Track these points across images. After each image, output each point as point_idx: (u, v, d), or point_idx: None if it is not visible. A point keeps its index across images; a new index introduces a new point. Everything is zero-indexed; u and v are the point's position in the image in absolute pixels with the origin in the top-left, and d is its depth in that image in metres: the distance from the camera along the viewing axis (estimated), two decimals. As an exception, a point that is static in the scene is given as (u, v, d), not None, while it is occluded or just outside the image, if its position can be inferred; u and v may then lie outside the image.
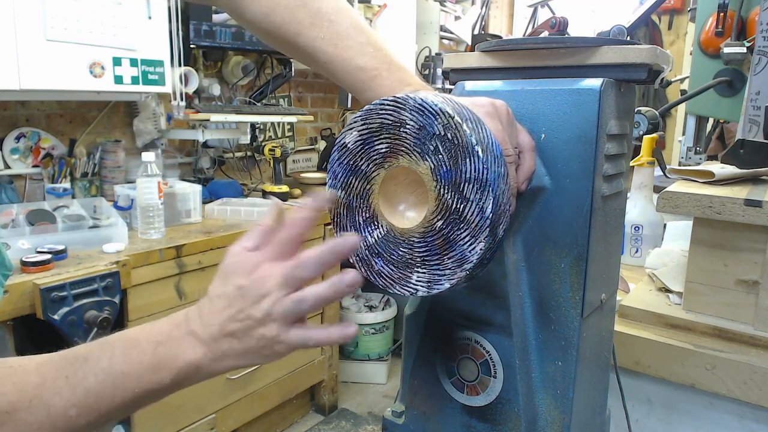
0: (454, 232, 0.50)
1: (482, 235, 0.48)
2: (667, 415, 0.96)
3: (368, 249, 0.55)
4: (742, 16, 1.85)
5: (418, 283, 0.53)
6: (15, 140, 1.93)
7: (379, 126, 0.52)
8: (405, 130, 0.50)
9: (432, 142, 0.49)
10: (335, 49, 0.63)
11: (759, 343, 0.91)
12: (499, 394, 0.65)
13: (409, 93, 0.51)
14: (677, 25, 3.83)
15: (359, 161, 0.54)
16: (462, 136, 0.48)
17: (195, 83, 2.23)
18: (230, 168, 2.74)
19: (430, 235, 0.51)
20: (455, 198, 0.49)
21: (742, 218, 0.88)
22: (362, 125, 0.53)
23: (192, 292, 1.72)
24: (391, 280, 0.54)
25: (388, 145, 0.52)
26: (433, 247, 0.51)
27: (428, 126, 0.49)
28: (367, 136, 0.53)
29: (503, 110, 0.56)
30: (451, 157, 0.49)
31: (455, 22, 3.83)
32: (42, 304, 1.29)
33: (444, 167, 0.49)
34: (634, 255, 1.37)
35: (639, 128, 1.29)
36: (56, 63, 1.65)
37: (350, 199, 0.56)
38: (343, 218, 0.57)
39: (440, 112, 0.48)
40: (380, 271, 0.55)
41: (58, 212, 1.71)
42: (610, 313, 0.73)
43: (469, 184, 0.48)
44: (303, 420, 2.39)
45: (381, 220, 0.54)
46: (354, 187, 0.55)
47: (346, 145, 0.54)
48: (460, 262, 0.50)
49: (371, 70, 0.63)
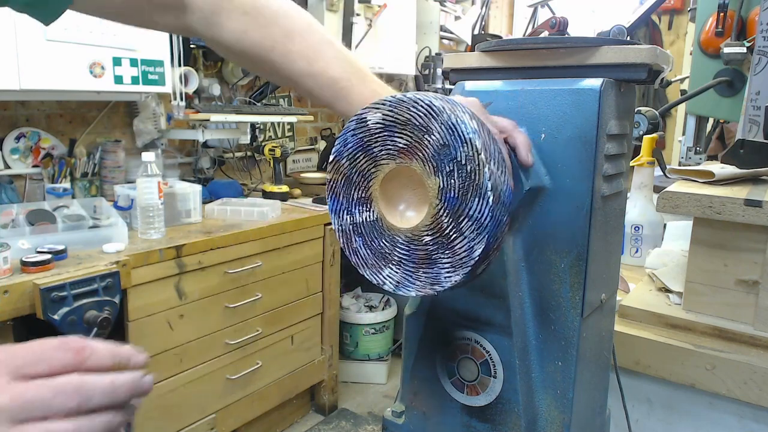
0: (439, 253, 0.50)
1: (462, 271, 0.49)
2: (667, 415, 0.96)
3: (353, 226, 0.55)
4: (742, 16, 1.85)
5: (387, 278, 0.53)
6: (15, 140, 1.93)
7: (405, 121, 0.51)
8: (429, 139, 0.50)
9: (450, 164, 0.49)
10: (308, 62, 0.65)
11: (759, 343, 0.91)
12: (499, 394, 0.65)
13: (448, 103, 0.50)
14: (677, 25, 3.83)
15: (374, 143, 0.53)
16: (480, 176, 0.47)
17: (195, 83, 2.23)
18: (230, 168, 2.74)
19: (415, 243, 0.51)
20: (451, 225, 0.49)
21: (742, 218, 0.88)
22: (389, 111, 0.52)
23: (192, 292, 1.72)
24: (365, 262, 0.55)
25: (408, 144, 0.51)
26: (413, 255, 0.51)
27: (452, 148, 0.49)
28: (390, 124, 0.52)
29: (475, 104, 0.57)
30: (461, 188, 0.48)
31: (455, 22, 3.83)
32: (42, 304, 1.29)
33: (452, 193, 0.49)
34: (634, 255, 1.37)
35: (639, 128, 1.29)
36: (56, 63, 1.65)
37: (352, 172, 0.55)
38: (339, 187, 0.56)
39: (468, 142, 0.48)
40: (357, 249, 0.55)
41: (58, 212, 1.71)
42: (610, 313, 0.73)
43: (469, 221, 0.48)
44: (303, 420, 2.39)
45: (375, 206, 0.54)
46: (359, 163, 0.54)
47: (366, 122, 0.53)
48: (433, 282, 0.51)
49: (343, 81, 0.65)
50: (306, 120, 2.58)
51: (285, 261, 2.06)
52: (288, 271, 2.08)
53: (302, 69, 0.66)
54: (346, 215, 0.56)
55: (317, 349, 2.31)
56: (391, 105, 0.52)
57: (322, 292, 2.27)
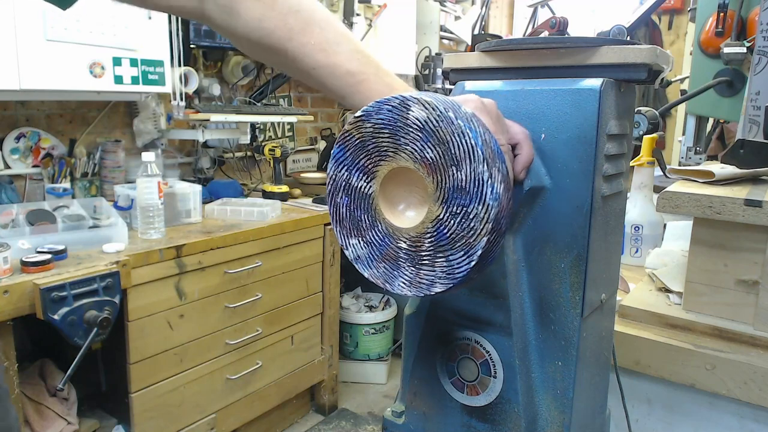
0: (438, 253, 0.51)
1: (461, 272, 0.50)
2: (667, 415, 0.96)
3: (346, 184, 0.56)
4: (742, 16, 1.85)
5: (352, 247, 0.56)
6: (15, 140, 1.93)
7: (408, 123, 0.51)
8: (432, 142, 0.50)
9: (451, 166, 0.49)
10: (324, 55, 0.65)
11: (759, 343, 0.91)
12: (499, 394, 0.65)
13: (454, 107, 0.49)
14: (677, 25, 3.83)
15: (381, 138, 0.53)
16: (481, 178, 0.48)
17: (195, 83, 2.23)
18: (230, 168, 2.74)
19: (412, 242, 0.52)
20: (450, 225, 0.50)
21: (742, 218, 0.88)
22: (392, 112, 0.52)
23: (192, 292, 1.72)
24: (340, 220, 0.57)
25: (435, 156, 0.51)
26: (414, 255, 0.52)
27: (454, 151, 0.48)
28: (393, 124, 0.52)
29: (492, 107, 0.57)
30: (462, 189, 0.49)
31: (455, 22, 3.83)
32: (42, 304, 1.29)
33: (452, 194, 0.50)
34: (634, 255, 1.37)
35: (639, 128, 1.29)
36: (56, 63, 1.65)
37: (370, 140, 0.54)
38: (353, 144, 0.55)
39: (472, 148, 0.48)
40: (339, 204, 0.57)
41: (58, 212, 1.71)
42: (610, 313, 0.73)
43: (469, 222, 0.49)
44: (303, 420, 2.39)
45: (374, 185, 0.55)
46: (380, 139, 0.53)
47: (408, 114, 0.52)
48: (431, 282, 0.52)
49: (359, 75, 0.64)
50: (306, 120, 2.58)
51: (285, 261, 2.06)
52: (288, 271, 2.08)
53: (319, 61, 0.65)
54: (344, 170, 0.56)
55: (317, 349, 2.31)
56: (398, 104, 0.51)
57: (322, 292, 2.27)
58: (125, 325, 1.56)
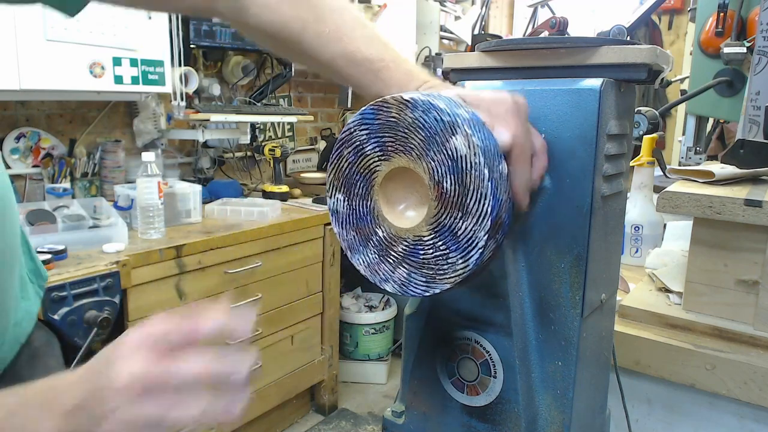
0: (438, 253, 0.51)
1: (461, 272, 0.50)
2: (667, 415, 0.96)
3: (347, 176, 0.56)
4: (742, 16, 1.85)
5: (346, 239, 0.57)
6: (15, 140, 1.93)
7: (411, 122, 0.50)
8: (434, 142, 0.50)
9: (451, 167, 0.49)
10: (340, 43, 0.62)
11: (759, 343, 0.91)
12: (499, 394, 0.65)
13: (461, 110, 0.49)
14: (677, 25, 3.83)
15: (383, 135, 0.53)
16: (481, 179, 0.48)
17: (195, 83, 2.23)
18: (230, 168, 2.74)
19: (408, 242, 0.51)
20: (450, 226, 0.50)
21: (742, 218, 0.88)
22: (398, 111, 0.51)
23: (192, 292, 1.72)
24: (345, 217, 0.57)
25: (412, 144, 0.51)
26: (411, 257, 0.52)
27: (454, 151, 0.48)
28: (397, 123, 0.51)
29: (524, 108, 0.55)
30: (462, 189, 0.49)
31: (455, 22, 3.83)
32: (42, 304, 1.29)
33: (452, 194, 0.50)
34: (634, 255, 1.37)
35: (639, 128, 1.29)
36: (56, 63, 1.65)
37: (346, 173, 0.55)
38: (357, 134, 0.54)
39: (472, 147, 0.47)
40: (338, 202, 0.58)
41: (58, 212, 1.71)
42: (610, 313, 0.73)
43: (469, 222, 0.49)
44: (303, 420, 2.39)
45: (375, 181, 0.54)
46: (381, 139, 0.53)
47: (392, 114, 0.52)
48: (428, 283, 0.52)
49: (379, 62, 0.61)
50: (306, 120, 2.58)
51: (285, 261, 2.06)
52: (288, 271, 2.08)
53: (335, 50, 0.62)
54: (345, 169, 0.56)
55: (317, 349, 2.31)
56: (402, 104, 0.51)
57: (322, 292, 2.27)
58: (125, 325, 1.56)
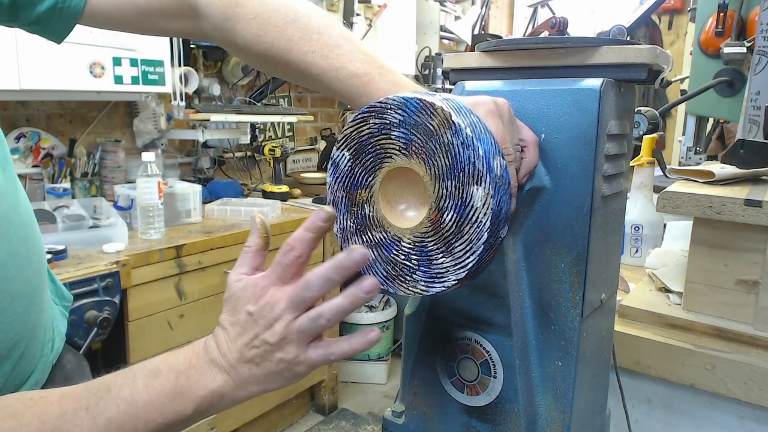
0: (438, 254, 0.51)
1: (461, 272, 0.49)
2: (667, 415, 0.96)
3: (345, 172, 0.55)
4: (742, 16, 1.85)
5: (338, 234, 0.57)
6: (15, 140, 1.93)
7: (414, 123, 0.50)
8: (435, 143, 0.49)
9: (451, 167, 0.49)
10: (327, 60, 0.64)
11: (759, 343, 0.91)
12: (499, 394, 0.65)
13: (461, 111, 0.49)
14: (677, 25, 3.83)
15: (384, 136, 0.53)
16: (481, 180, 0.48)
17: (195, 83, 2.23)
18: (230, 168, 2.74)
19: (413, 243, 0.51)
20: (450, 226, 0.50)
21: (742, 218, 0.88)
22: (400, 111, 0.51)
23: (192, 292, 1.72)
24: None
25: (413, 144, 0.51)
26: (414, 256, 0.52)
27: (455, 151, 0.48)
28: (400, 124, 0.51)
29: (505, 108, 0.56)
30: (462, 189, 0.49)
31: (455, 22, 3.83)
32: (42, 304, 1.29)
33: (452, 194, 0.49)
34: (634, 255, 1.37)
35: (639, 128, 1.29)
36: (56, 63, 1.65)
37: (363, 138, 0.54)
38: (352, 139, 0.54)
39: (471, 147, 0.47)
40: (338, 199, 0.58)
41: (58, 212, 1.71)
42: (610, 313, 0.73)
43: (469, 223, 0.49)
44: (303, 420, 2.39)
45: (375, 181, 0.54)
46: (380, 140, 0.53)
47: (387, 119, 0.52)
48: (428, 283, 0.52)
49: (364, 75, 0.63)
50: (306, 120, 2.58)
51: (285, 261, 2.05)
52: (288, 271, 2.08)
53: (322, 67, 0.65)
54: (345, 168, 0.55)
55: (317, 349, 2.31)
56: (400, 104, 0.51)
57: (322, 292, 2.27)
58: (125, 325, 1.56)
